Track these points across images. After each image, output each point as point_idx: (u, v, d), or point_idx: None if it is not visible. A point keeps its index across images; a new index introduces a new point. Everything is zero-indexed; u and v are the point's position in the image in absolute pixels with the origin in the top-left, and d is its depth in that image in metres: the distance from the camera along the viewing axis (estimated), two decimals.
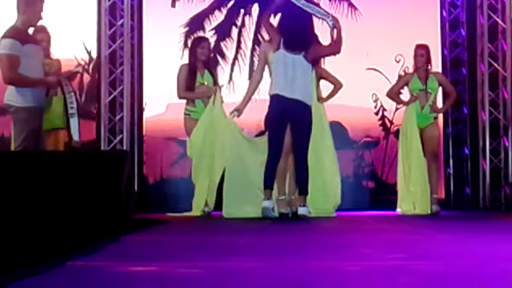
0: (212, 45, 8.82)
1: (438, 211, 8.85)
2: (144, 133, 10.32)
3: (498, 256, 4.11)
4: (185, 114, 8.71)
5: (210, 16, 10.63)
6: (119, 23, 9.95)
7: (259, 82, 8.15)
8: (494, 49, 10.03)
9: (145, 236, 5.51)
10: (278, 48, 7.79)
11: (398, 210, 9.00)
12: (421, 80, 9.00)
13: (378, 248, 4.56)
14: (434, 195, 8.92)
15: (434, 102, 9.07)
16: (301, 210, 7.69)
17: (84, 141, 8.33)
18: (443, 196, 10.03)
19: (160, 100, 10.02)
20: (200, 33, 10.29)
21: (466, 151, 10.57)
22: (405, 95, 9.19)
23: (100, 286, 3.04)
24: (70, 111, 7.63)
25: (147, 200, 10.07)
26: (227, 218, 7.91)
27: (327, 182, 8.29)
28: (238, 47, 10.64)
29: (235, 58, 10.55)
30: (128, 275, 3.39)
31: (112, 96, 9.84)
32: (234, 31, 10.68)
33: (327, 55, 8.29)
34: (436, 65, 9.87)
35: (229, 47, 10.61)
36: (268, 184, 7.76)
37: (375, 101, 10.50)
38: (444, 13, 10.79)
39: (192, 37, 9.26)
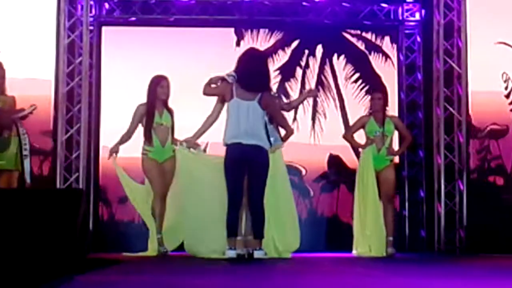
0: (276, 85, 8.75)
1: (393, 254, 8.89)
2: (100, 172, 10.27)
3: None
4: (143, 153, 8.68)
5: (274, 56, 10.69)
6: (78, 61, 9.93)
7: (213, 122, 8.12)
8: (450, 94, 10.17)
9: (100, 276, 5.44)
10: (231, 97, 7.78)
11: (354, 252, 9.03)
12: (378, 123, 9.08)
13: None
14: (390, 237, 8.97)
15: (390, 145, 9.15)
16: (257, 254, 7.66)
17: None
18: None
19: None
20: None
21: (422, 194, 10.66)
22: (361, 137, 9.26)
23: None
24: (24, 152, 7.61)
25: (102, 239, 9.99)
26: (187, 256, 7.93)
27: (286, 224, 8.29)
28: (302, 87, 10.70)
29: None
30: None
31: (69, 134, 9.79)
32: (298, 72, 10.75)
33: (274, 115, 8.14)
34: (393, 109, 10.00)
35: (293, 88, 10.66)
36: (231, 232, 7.71)
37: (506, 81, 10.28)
38: (401, 57, 10.93)
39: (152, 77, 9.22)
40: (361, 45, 10.98)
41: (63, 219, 6.43)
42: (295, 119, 10.53)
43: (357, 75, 10.90)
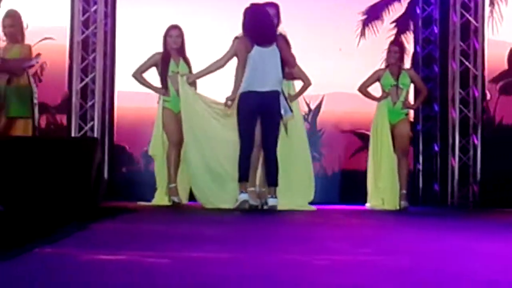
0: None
1: (406, 207, 8.91)
2: (115, 121, 10.29)
3: (464, 253, 4.15)
4: (158, 102, 8.71)
5: (389, 7, 10.65)
6: (93, 9, 9.88)
7: (218, 68, 8.20)
8: (466, 48, 10.08)
9: (114, 224, 5.50)
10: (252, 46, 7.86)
11: (367, 205, 9.05)
12: (393, 76, 9.04)
13: (345, 242, 4.59)
14: (403, 191, 8.98)
15: (406, 98, 9.13)
16: (271, 201, 7.73)
17: None
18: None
19: (133, 88, 9.96)
20: (378, 24, 10.45)
21: (436, 148, 10.64)
22: (376, 90, 9.23)
23: (68, 273, 3.03)
24: (34, 100, 7.67)
25: (118, 188, 10.04)
26: (200, 206, 7.99)
27: (303, 176, 8.33)
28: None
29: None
30: (95, 263, 3.39)
31: (84, 82, 9.78)
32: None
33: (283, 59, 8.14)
34: (408, 62, 9.92)
35: (408, 40, 10.62)
36: (243, 177, 7.80)
37: None
38: (418, 10, 10.83)
39: None
40: None
41: (78, 167, 6.48)
42: None
43: None
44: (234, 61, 8.11)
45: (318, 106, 10.45)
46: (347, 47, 10.61)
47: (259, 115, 7.85)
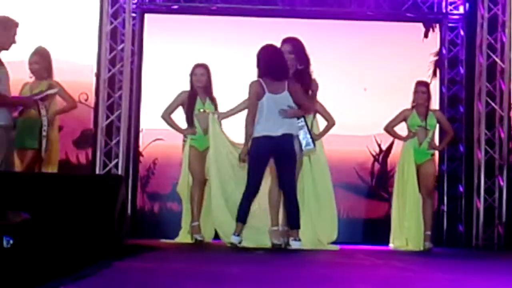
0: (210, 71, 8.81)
1: (431, 248, 8.85)
2: (139, 158, 10.34)
3: None
4: (184, 140, 8.75)
5: None
6: (120, 47, 9.96)
7: (246, 108, 8.17)
8: (492, 89, 10.06)
9: (138, 263, 5.49)
10: (263, 92, 7.89)
11: (391, 246, 9.00)
12: (420, 117, 9.04)
13: (370, 284, 4.55)
14: (428, 232, 8.93)
15: (432, 139, 9.11)
16: (295, 244, 7.70)
17: None
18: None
19: (158, 125, 9.98)
20: None
21: (461, 189, 10.58)
22: (402, 130, 9.22)
23: None
24: (43, 133, 7.75)
25: (141, 225, 10.05)
26: (223, 244, 7.97)
27: (326, 215, 8.30)
28: None
29: None
30: None
31: (109, 120, 9.83)
32: None
33: (298, 102, 8.07)
34: (434, 102, 9.90)
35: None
36: (240, 218, 7.80)
37: None
38: (444, 51, 10.84)
39: None
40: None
41: (102, 205, 6.49)
42: None
43: None
44: None
45: (390, 147, 10.43)
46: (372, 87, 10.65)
47: (272, 158, 7.84)
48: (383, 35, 10.83)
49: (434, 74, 10.77)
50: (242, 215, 7.81)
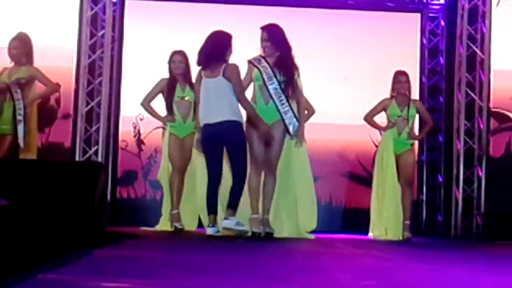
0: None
1: (409, 238, 8.88)
2: (119, 145, 10.30)
3: (466, 286, 4.12)
4: (163, 127, 8.73)
5: None
6: (100, 33, 9.91)
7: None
8: (472, 79, 10.10)
9: (118, 251, 5.48)
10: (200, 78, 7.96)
11: (370, 235, 9.03)
12: (400, 107, 9.05)
13: (351, 273, 4.57)
14: (406, 221, 8.96)
15: (411, 129, 9.13)
16: (225, 223, 7.70)
17: None
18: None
19: (138, 112, 9.94)
20: None
21: (440, 179, 10.63)
22: (382, 119, 9.23)
23: None
24: (18, 117, 7.67)
25: (121, 212, 10.03)
26: (202, 232, 7.96)
27: (306, 204, 8.28)
28: None
29: None
30: None
31: (89, 106, 9.79)
32: None
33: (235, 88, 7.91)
34: (414, 92, 9.91)
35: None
36: (210, 210, 7.79)
37: None
38: (424, 41, 10.86)
39: None
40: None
41: (82, 192, 6.47)
42: None
43: None
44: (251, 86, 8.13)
45: None
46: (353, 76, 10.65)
47: (219, 143, 7.83)
48: (363, 24, 10.83)
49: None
50: (210, 207, 7.80)
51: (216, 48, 7.90)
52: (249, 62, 8.06)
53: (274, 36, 8.02)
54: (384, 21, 10.88)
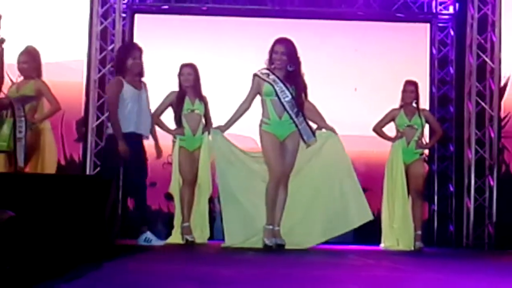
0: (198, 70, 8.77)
1: (421, 248, 8.86)
2: None
3: None
4: (173, 140, 8.73)
5: None
6: (110, 48, 9.95)
7: (245, 110, 8.11)
8: (482, 88, 10.10)
9: (129, 264, 5.47)
10: None
11: (381, 246, 9.01)
12: (408, 116, 9.04)
13: (363, 284, 4.55)
14: (418, 231, 8.94)
15: (420, 138, 9.11)
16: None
17: None
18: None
19: None
20: None
21: (451, 189, 10.60)
22: (391, 130, 9.21)
23: None
24: (18, 135, 7.64)
25: (132, 226, 10.01)
26: (214, 245, 7.95)
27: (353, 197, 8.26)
28: None
29: None
30: None
31: (99, 120, 9.81)
32: None
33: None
34: (424, 102, 9.92)
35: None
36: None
37: None
38: (434, 51, 10.86)
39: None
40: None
41: (93, 206, 6.46)
42: None
43: None
44: (258, 99, 8.10)
45: None
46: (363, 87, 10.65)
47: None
48: (373, 35, 10.84)
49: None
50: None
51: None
52: (256, 75, 8.02)
53: (290, 50, 7.99)
54: (394, 31, 10.90)
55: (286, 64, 7.97)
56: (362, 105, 10.57)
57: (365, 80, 10.66)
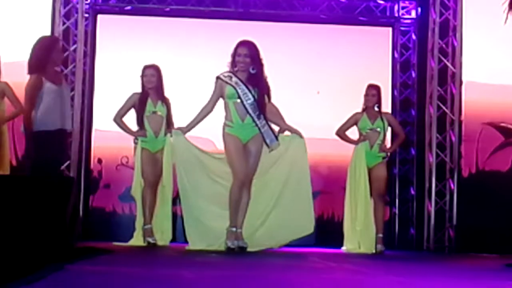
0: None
1: (382, 251, 8.90)
2: (91, 159, 10.27)
3: None
4: (135, 142, 8.70)
5: None
6: (72, 48, 9.90)
7: (208, 113, 8.02)
8: (443, 92, 10.18)
9: (90, 266, 5.44)
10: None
11: (343, 248, 9.04)
12: (371, 120, 9.08)
13: (323, 287, 4.56)
14: (379, 234, 8.97)
15: (383, 141, 9.15)
16: None
17: None
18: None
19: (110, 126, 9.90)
20: None
21: (412, 192, 10.67)
22: (353, 134, 9.25)
23: None
24: None
25: (93, 227, 9.98)
26: (175, 247, 7.91)
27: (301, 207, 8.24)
28: None
29: None
30: None
31: None
32: None
33: None
34: (386, 106, 9.97)
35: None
36: None
37: None
38: (396, 55, 10.93)
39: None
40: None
41: (54, 207, 6.41)
42: None
43: None
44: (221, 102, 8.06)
45: None
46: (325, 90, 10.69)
47: None
48: (336, 38, 10.88)
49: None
50: None
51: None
52: (219, 78, 7.95)
53: (252, 53, 7.95)
54: (356, 35, 10.94)
55: (249, 66, 7.94)
56: (325, 108, 10.60)
57: (328, 84, 10.69)
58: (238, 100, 7.85)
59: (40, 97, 7.39)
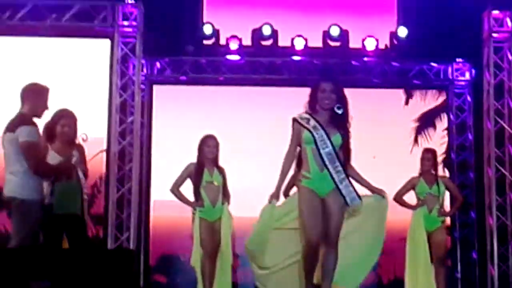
0: None
1: None
2: (150, 230, 10.33)
3: None
4: (193, 212, 8.73)
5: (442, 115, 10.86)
6: (129, 120, 10.00)
7: (291, 163, 6.79)
8: (501, 154, 10.06)
9: None
10: None
11: None
12: (428, 184, 9.01)
13: None
14: None
15: (442, 205, 9.07)
16: None
17: None
18: None
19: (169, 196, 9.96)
20: (431, 131, 10.75)
21: (474, 256, 10.52)
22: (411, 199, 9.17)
23: None
24: (84, 196, 7.56)
25: None
26: None
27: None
28: None
29: None
30: None
31: (120, 192, 9.83)
32: None
33: None
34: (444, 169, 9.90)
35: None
36: None
37: None
38: (452, 117, 10.88)
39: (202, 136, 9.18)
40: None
41: (114, 279, 6.44)
42: None
43: None
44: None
45: None
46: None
47: None
48: (391, 102, 10.89)
49: (416, 140, 10.84)
50: None
51: None
52: (295, 120, 6.68)
53: (339, 89, 6.78)
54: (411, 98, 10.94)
55: (334, 104, 6.68)
56: (381, 173, 10.53)
57: (384, 148, 10.65)
58: (315, 147, 6.62)
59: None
